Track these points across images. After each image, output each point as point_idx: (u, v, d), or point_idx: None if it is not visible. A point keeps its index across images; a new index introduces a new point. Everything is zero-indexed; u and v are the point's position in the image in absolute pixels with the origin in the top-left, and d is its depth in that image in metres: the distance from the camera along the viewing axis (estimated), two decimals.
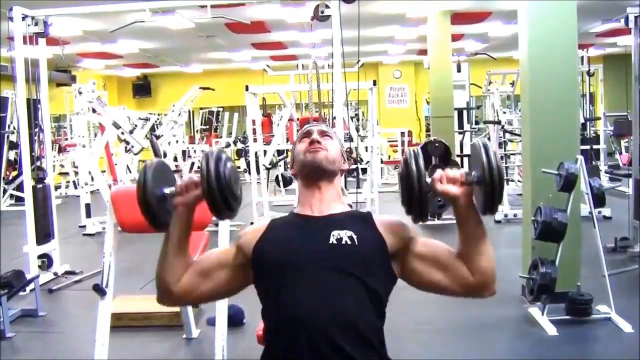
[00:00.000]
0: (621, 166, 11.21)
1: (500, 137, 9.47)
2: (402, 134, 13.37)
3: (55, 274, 5.93)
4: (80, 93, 8.26)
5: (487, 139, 11.23)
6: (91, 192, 8.67)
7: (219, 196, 1.59)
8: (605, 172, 10.10)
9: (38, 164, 6.06)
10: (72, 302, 5.50)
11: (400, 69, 18.23)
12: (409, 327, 4.21)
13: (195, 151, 13.66)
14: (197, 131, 16.61)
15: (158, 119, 12.49)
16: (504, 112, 10.45)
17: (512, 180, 9.76)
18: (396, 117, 17.27)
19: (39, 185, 5.88)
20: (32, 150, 6.05)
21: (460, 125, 9.79)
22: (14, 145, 10.94)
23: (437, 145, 8.20)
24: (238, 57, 15.21)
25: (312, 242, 1.67)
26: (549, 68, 4.57)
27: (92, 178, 8.62)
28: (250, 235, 1.77)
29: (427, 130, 14.98)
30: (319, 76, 6.93)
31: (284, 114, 10.15)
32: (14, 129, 10.65)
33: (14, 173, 11.12)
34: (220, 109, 16.35)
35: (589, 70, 10.39)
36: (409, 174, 1.55)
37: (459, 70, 10.27)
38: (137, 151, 9.18)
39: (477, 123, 14.03)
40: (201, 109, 16.82)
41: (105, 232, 3.40)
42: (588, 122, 9.94)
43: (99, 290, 3.22)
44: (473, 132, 10.07)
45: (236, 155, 14.22)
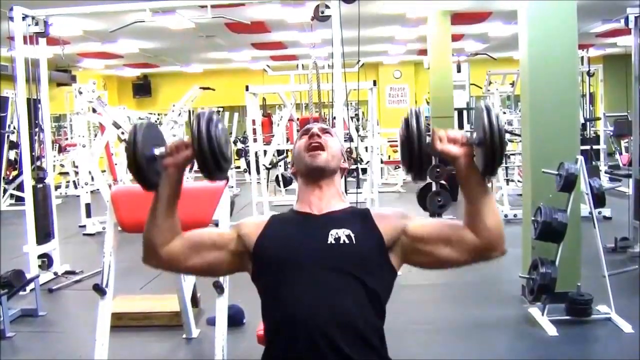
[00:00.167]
0: (621, 166, 11.22)
1: None
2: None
3: (55, 273, 5.94)
4: (81, 93, 8.26)
5: None
6: (91, 192, 8.68)
7: (210, 157, 1.58)
8: (605, 172, 10.10)
9: (38, 163, 6.06)
10: (72, 301, 5.50)
11: (400, 69, 18.23)
12: (408, 327, 4.21)
13: None
14: None
15: (158, 119, 12.49)
16: (504, 112, 10.47)
17: (512, 181, 9.76)
18: (396, 117, 17.09)
19: (39, 185, 5.89)
20: (32, 150, 6.05)
21: (460, 126, 9.80)
22: (14, 145, 10.94)
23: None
24: (238, 57, 15.21)
25: (311, 241, 1.67)
26: (549, 68, 4.57)
27: (92, 178, 8.62)
28: (252, 227, 1.76)
29: (428, 130, 14.99)
30: (319, 76, 6.92)
31: (284, 114, 10.15)
32: (14, 128, 10.65)
33: (14, 173, 11.11)
34: (221, 109, 16.30)
35: (589, 70, 10.39)
36: (409, 131, 1.54)
37: (459, 71, 10.28)
38: None
39: None
40: (201, 108, 16.81)
41: (106, 231, 3.40)
42: (588, 123, 9.94)
43: (99, 290, 3.22)
44: (473, 132, 10.06)
45: (236, 155, 14.21)
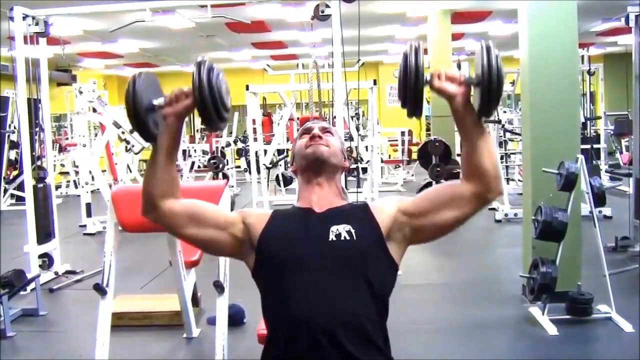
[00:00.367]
0: (622, 165, 11.23)
1: (501, 136, 9.47)
2: (403, 133, 13.37)
3: (55, 273, 5.93)
4: (81, 92, 8.27)
5: None
6: (92, 192, 8.68)
7: (212, 105, 1.57)
8: (606, 171, 10.11)
9: (39, 163, 6.06)
10: (72, 301, 5.50)
11: None
12: (409, 327, 4.21)
13: (195, 150, 13.67)
14: (197, 130, 16.61)
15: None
16: (504, 112, 10.46)
17: (512, 180, 9.76)
18: (396, 116, 17.18)
19: (40, 185, 5.89)
20: (32, 149, 6.04)
21: None
22: (14, 145, 10.94)
23: (437, 144, 8.27)
24: (238, 57, 15.22)
25: (313, 239, 1.67)
26: (549, 67, 4.57)
27: (92, 177, 8.62)
28: (257, 218, 1.75)
29: (428, 129, 14.98)
30: (319, 75, 6.93)
31: (284, 114, 10.15)
32: (14, 128, 10.66)
33: (15, 172, 11.12)
34: None
35: (590, 69, 10.39)
36: (407, 66, 1.53)
37: (459, 69, 10.27)
38: (137, 151, 9.18)
39: None
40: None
41: (106, 231, 3.40)
42: (588, 121, 9.95)
43: (100, 289, 3.22)
44: None
45: (236, 155, 14.21)
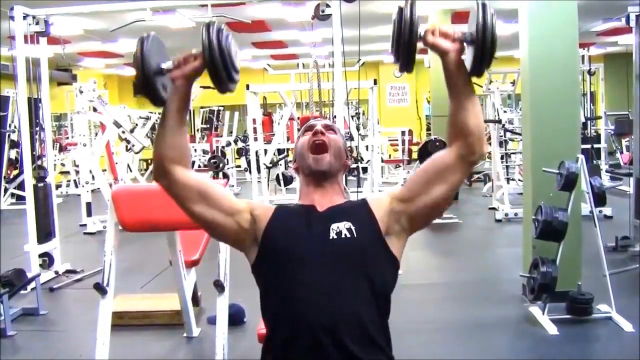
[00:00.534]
0: (622, 165, 11.23)
1: (501, 136, 9.47)
2: (403, 133, 13.35)
3: (56, 272, 5.94)
4: (81, 92, 8.27)
5: (488, 138, 11.25)
6: (92, 191, 8.68)
7: (222, 66, 1.56)
8: (606, 171, 10.10)
9: (39, 162, 6.07)
10: (73, 300, 5.50)
11: None
12: (409, 326, 4.21)
13: (195, 150, 13.66)
14: (197, 130, 16.59)
15: (159, 118, 12.50)
16: (505, 111, 10.46)
17: (512, 179, 9.76)
18: (397, 116, 17.27)
19: (40, 184, 5.89)
20: (33, 149, 6.05)
21: None
22: (15, 144, 10.95)
23: (437, 144, 8.30)
24: (239, 56, 15.21)
25: (314, 237, 1.66)
26: (549, 67, 4.57)
27: (93, 177, 8.63)
28: (263, 212, 1.75)
29: (428, 129, 15.00)
30: (320, 75, 6.93)
31: (285, 113, 10.14)
32: (15, 127, 10.66)
33: (15, 172, 11.12)
34: (221, 108, 16.32)
35: (590, 69, 10.38)
36: (402, 19, 1.53)
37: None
38: (138, 150, 9.20)
39: None
40: (202, 107, 16.80)
41: (106, 230, 3.40)
42: (589, 121, 9.94)
43: (100, 288, 3.22)
44: None
45: (237, 154, 14.21)
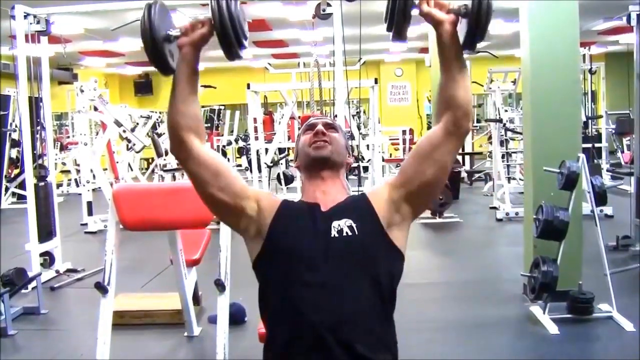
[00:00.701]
0: (623, 164, 11.21)
1: (502, 135, 9.46)
2: (404, 132, 13.35)
3: (57, 271, 5.94)
4: (82, 91, 8.28)
5: (489, 137, 11.23)
6: (93, 190, 8.68)
7: (231, 31, 1.54)
8: (607, 170, 10.08)
9: (40, 162, 6.07)
10: (73, 300, 5.50)
11: (401, 67, 18.22)
12: (410, 325, 4.20)
13: None
14: None
15: (160, 117, 12.48)
16: (506, 110, 10.45)
17: (513, 179, 9.76)
18: (398, 115, 17.27)
19: (41, 183, 5.89)
20: (34, 148, 6.04)
21: None
22: (16, 143, 10.96)
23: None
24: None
25: (317, 236, 1.66)
26: (550, 66, 4.57)
27: (93, 176, 8.63)
28: (269, 204, 1.74)
29: (429, 128, 14.96)
30: (321, 74, 6.93)
31: (286, 112, 10.14)
32: (16, 126, 10.67)
33: (16, 171, 11.13)
34: (222, 107, 16.35)
35: (591, 68, 10.38)
36: None
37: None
38: (138, 149, 9.20)
39: (478, 121, 14.03)
40: (203, 107, 16.77)
41: (107, 230, 3.40)
42: (590, 121, 9.94)
43: (101, 288, 3.23)
44: (474, 131, 10.07)
45: (238, 154, 14.21)
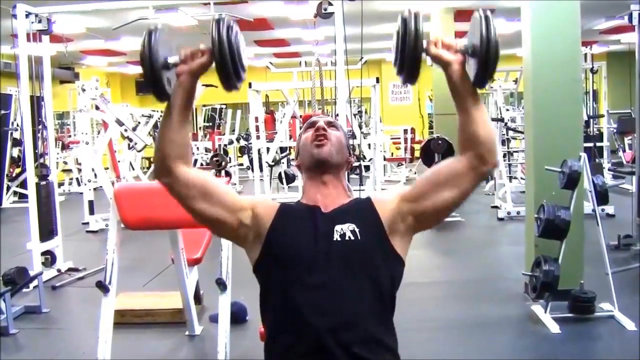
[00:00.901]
0: (624, 164, 11.19)
1: (503, 134, 9.45)
2: (405, 131, 13.35)
3: (58, 270, 5.95)
4: (84, 90, 8.27)
5: None
6: (94, 189, 8.68)
7: (230, 63, 1.54)
8: (609, 169, 10.07)
9: (41, 161, 6.07)
10: (75, 298, 5.51)
11: None
12: (411, 325, 4.20)
13: (198, 148, 13.67)
14: (200, 128, 16.62)
15: (161, 117, 12.52)
16: (507, 110, 10.44)
17: (515, 178, 9.75)
18: (399, 114, 17.26)
19: (42, 182, 5.89)
20: (35, 147, 6.05)
21: None
22: (17, 142, 10.97)
23: (440, 142, 8.27)
24: (246, 53, 15.21)
25: (319, 239, 1.65)
26: (552, 65, 4.56)
27: (95, 175, 8.63)
28: (266, 210, 1.73)
29: (430, 127, 14.98)
30: (322, 73, 6.93)
31: (287, 111, 10.14)
32: (17, 126, 10.67)
33: (18, 170, 11.14)
34: (223, 106, 16.35)
35: (593, 67, 10.36)
36: (407, 31, 1.53)
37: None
38: (140, 148, 9.20)
39: None
40: (204, 106, 16.82)
41: (108, 229, 3.40)
42: (591, 120, 9.92)
43: (102, 287, 3.23)
44: None
45: (239, 153, 14.21)
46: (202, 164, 13.28)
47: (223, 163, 11.08)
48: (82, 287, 5.64)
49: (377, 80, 7.92)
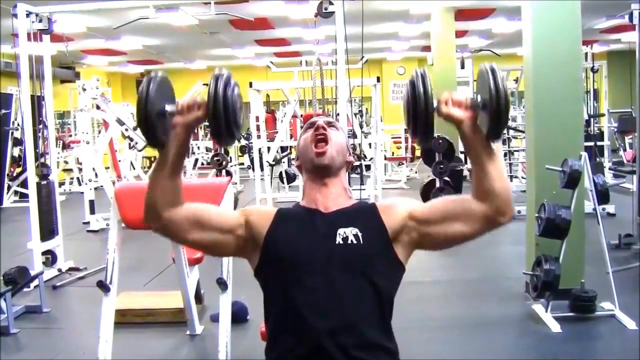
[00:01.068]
0: (625, 163, 11.18)
1: (504, 133, 9.44)
2: (406, 130, 13.33)
3: (59, 270, 5.95)
4: (84, 90, 8.27)
5: None
6: (95, 189, 8.68)
7: (224, 121, 1.53)
8: (609, 168, 10.07)
9: (42, 160, 6.07)
10: (76, 298, 5.51)
11: (404, 66, 18.21)
12: (412, 324, 4.20)
13: (199, 148, 13.67)
14: (200, 127, 16.60)
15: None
16: None
17: (515, 177, 9.75)
18: (400, 113, 17.04)
19: (43, 182, 5.89)
20: (36, 146, 6.05)
21: None
22: (18, 142, 10.97)
23: (440, 141, 8.29)
24: (242, 54, 15.21)
25: (319, 241, 1.65)
26: (552, 64, 4.56)
27: (96, 174, 8.63)
28: (261, 217, 1.73)
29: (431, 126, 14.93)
30: (323, 73, 6.92)
31: (288, 111, 10.14)
32: (18, 125, 10.67)
33: (18, 169, 11.15)
34: None
35: (593, 66, 10.35)
36: (416, 93, 1.53)
37: (462, 67, 10.27)
38: (141, 148, 9.19)
39: None
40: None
41: (109, 228, 3.41)
42: (592, 119, 9.92)
43: (103, 286, 3.23)
44: None
45: (240, 152, 14.20)
46: (202, 164, 13.29)
47: (224, 162, 11.08)
48: (82, 286, 5.64)
49: (378, 79, 7.91)
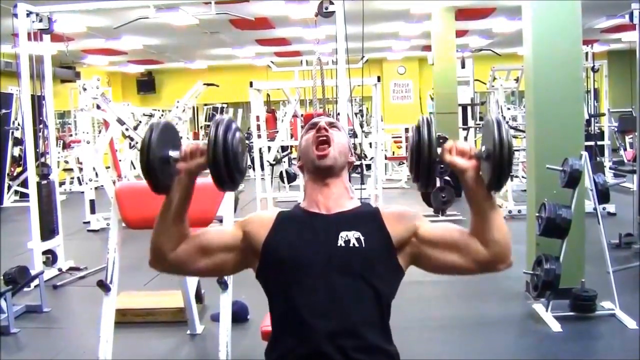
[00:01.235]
0: (625, 162, 11.18)
1: None
2: (406, 130, 13.34)
3: (59, 270, 5.95)
4: (85, 89, 8.27)
5: None
6: (95, 188, 8.69)
7: (224, 168, 1.54)
8: (610, 168, 10.07)
9: (42, 160, 6.07)
10: (76, 298, 5.51)
11: (404, 65, 18.21)
12: (412, 324, 4.21)
13: None
14: (201, 127, 16.64)
15: (162, 115, 12.49)
16: (508, 108, 10.44)
17: (516, 176, 9.74)
18: (400, 113, 17.24)
19: (44, 182, 5.89)
20: (36, 146, 6.06)
21: (465, 121, 9.78)
22: (18, 142, 10.97)
23: (441, 141, 8.17)
24: (242, 54, 15.21)
25: (321, 243, 1.65)
26: (553, 64, 4.56)
27: (96, 174, 8.63)
28: (259, 224, 1.74)
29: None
30: (323, 72, 6.92)
31: (288, 110, 10.13)
32: (18, 125, 10.67)
33: (19, 169, 11.15)
34: (225, 105, 16.35)
35: (594, 66, 10.35)
36: (420, 141, 1.54)
37: (463, 66, 10.25)
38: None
39: (481, 119, 13.99)
40: (205, 105, 16.83)
41: (110, 228, 3.41)
42: (592, 118, 9.91)
43: (103, 286, 3.23)
44: (477, 128, 10.06)
45: None
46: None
47: None
48: (83, 286, 5.64)
49: (379, 79, 7.90)
